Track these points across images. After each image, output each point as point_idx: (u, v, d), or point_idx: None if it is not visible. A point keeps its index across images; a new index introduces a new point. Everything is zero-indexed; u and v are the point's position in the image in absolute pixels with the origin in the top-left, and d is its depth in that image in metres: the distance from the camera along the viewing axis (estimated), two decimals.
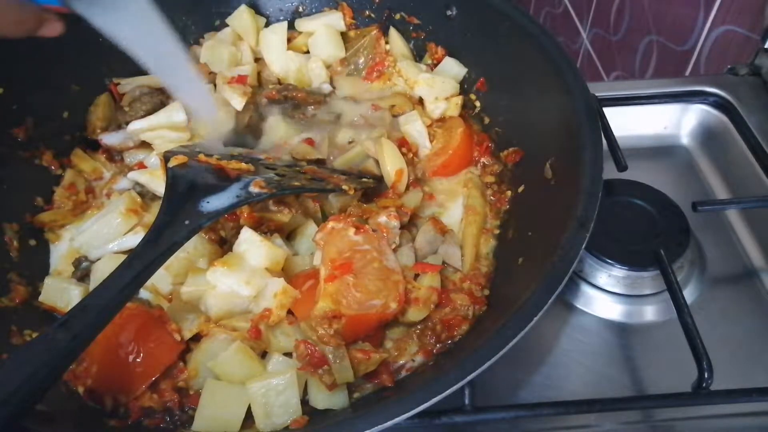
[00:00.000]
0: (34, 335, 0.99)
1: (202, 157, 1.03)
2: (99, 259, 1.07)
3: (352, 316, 0.89)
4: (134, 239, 1.08)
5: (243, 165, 1.01)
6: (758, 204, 1.15)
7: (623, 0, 1.75)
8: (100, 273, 1.04)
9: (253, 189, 0.96)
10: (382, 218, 1.00)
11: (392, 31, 1.39)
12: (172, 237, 0.87)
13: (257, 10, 1.42)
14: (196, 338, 0.94)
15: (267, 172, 1.03)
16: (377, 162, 1.16)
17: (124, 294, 0.80)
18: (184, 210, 0.91)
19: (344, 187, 1.04)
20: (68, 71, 1.25)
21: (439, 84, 1.27)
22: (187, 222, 0.89)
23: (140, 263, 0.83)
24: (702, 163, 1.33)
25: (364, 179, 1.12)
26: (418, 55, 1.40)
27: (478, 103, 1.28)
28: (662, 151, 1.36)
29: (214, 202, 0.93)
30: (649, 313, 1.08)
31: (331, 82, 1.35)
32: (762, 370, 1.00)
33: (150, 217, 1.11)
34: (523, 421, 0.94)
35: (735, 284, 1.12)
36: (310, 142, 1.23)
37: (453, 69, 1.31)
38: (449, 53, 1.34)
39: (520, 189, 1.11)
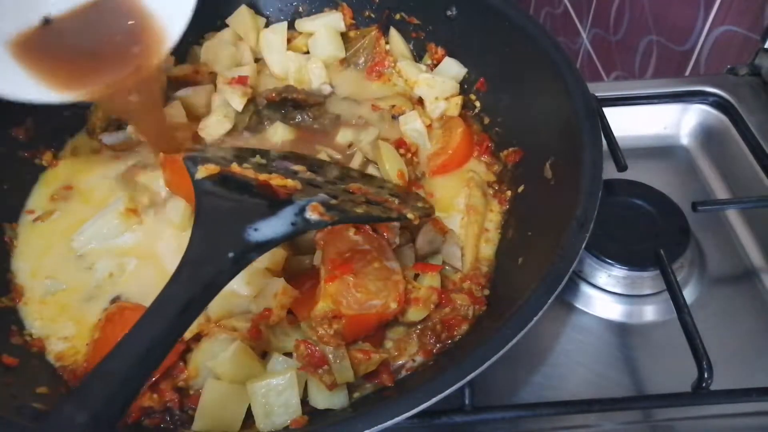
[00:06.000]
0: (34, 335, 0.99)
1: (236, 167, 0.84)
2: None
3: (352, 316, 0.89)
4: (132, 237, 1.08)
5: (288, 181, 0.82)
6: (758, 204, 1.14)
7: (623, 0, 1.75)
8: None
9: (312, 215, 0.77)
10: None
11: (392, 31, 1.39)
12: (210, 275, 0.69)
13: (257, 10, 1.42)
14: (196, 338, 0.94)
15: (314, 191, 0.84)
16: (376, 165, 1.16)
17: (152, 358, 0.64)
18: (224, 238, 0.73)
19: (409, 216, 0.90)
20: None
21: (439, 84, 1.27)
22: (231, 254, 0.71)
23: (170, 311, 0.67)
24: (702, 163, 1.33)
25: (420, 204, 0.99)
26: (418, 55, 1.40)
27: (478, 103, 1.28)
28: (662, 151, 1.36)
29: (264, 230, 0.74)
30: (649, 313, 1.08)
31: (331, 83, 1.35)
32: (762, 370, 1.00)
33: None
34: (523, 421, 0.94)
35: (735, 284, 1.12)
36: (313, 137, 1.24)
37: (453, 69, 1.31)
38: (449, 53, 1.34)
39: (520, 189, 1.11)
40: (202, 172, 0.81)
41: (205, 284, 0.69)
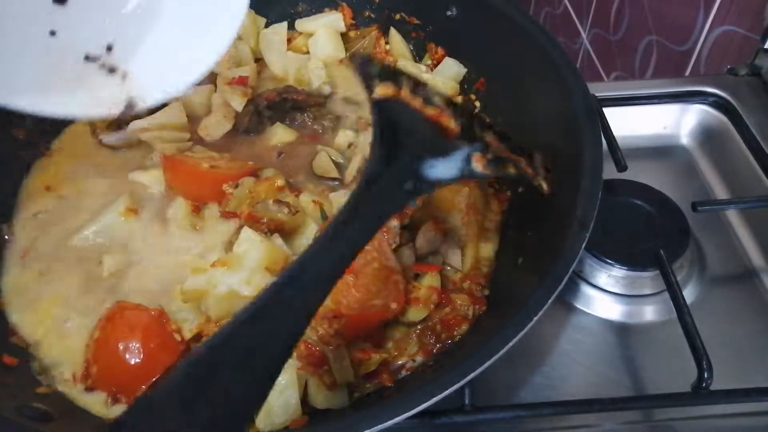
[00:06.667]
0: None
1: (405, 94, 0.81)
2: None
3: (353, 316, 0.89)
4: (132, 236, 1.08)
5: (452, 123, 0.81)
6: (758, 204, 1.14)
7: (623, 0, 1.75)
8: None
9: (476, 166, 0.78)
10: None
11: (392, 32, 1.39)
12: (392, 200, 0.69)
13: (257, 10, 1.42)
14: (197, 338, 0.94)
15: (473, 145, 0.82)
16: None
17: (341, 264, 0.64)
18: (403, 167, 0.71)
19: (543, 185, 0.88)
20: None
21: (439, 85, 1.27)
22: (408, 186, 0.70)
23: (352, 225, 0.66)
24: (702, 163, 1.33)
25: (543, 171, 0.93)
26: (418, 55, 1.40)
27: (478, 103, 1.28)
28: (662, 151, 1.36)
29: (439, 169, 0.73)
30: (649, 313, 1.08)
31: (331, 83, 1.35)
32: (762, 370, 1.00)
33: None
34: (523, 421, 0.94)
35: (735, 284, 1.12)
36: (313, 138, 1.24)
37: (453, 69, 1.31)
38: (449, 53, 1.34)
39: (520, 189, 1.11)
40: (382, 90, 0.79)
41: (382, 203, 0.68)
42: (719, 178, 1.29)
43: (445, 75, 1.30)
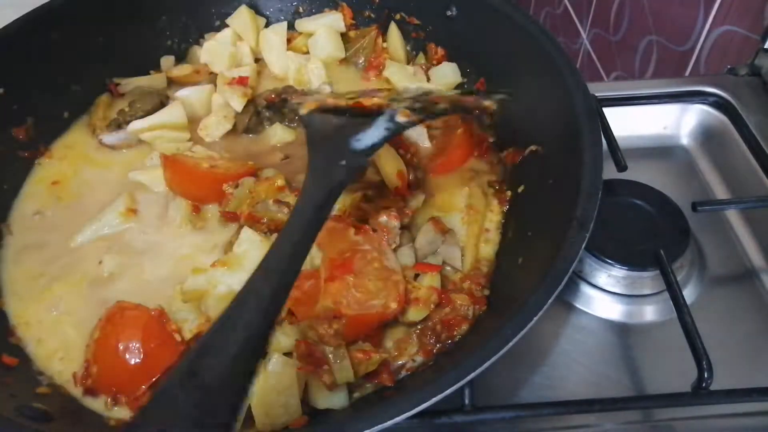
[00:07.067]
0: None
1: (330, 100, 1.00)
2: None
3: (353, 316, 0.89)
4: (132, 237, 1.08)
5: (375, 99, 0.96)
6: (758, 204, 1.14)
7: (623, 0, 1.75)
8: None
9: (401, 119, 0.91)
10: (383, 218, 1.00)
11: (392, 28, 1.39)
12: (333, 177, 0.83)
13: (257, 10, 1.43)
14: (197, 338, 0.94)
15: (401, 104, 0.96)
16: (376, 167, 1.15)
17: (301, 251, 0.74)
18: (334, 152, 0.86)
19: (486, 103, 0.99)
20: (68, 71, 1.25)
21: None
22: (343, 162, 0.85)
23: (306, 215, 0.77)
24: (702, 163, 1.33)
25: (499, 94, 1.03)
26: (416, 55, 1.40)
27: None
28: (662, 151, 1.36)
29: (365, 139, 0.88)
30: (649, 313, 1.08)
31: (331, 83, 1.35)
32: (762, 370, 1.00)
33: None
34: (523, 421, 0.94)
35: (735, 284, 1.12)
36: None
37: (448, 76, 1.30)
38: (449, 53, 1.34)
39: (520, 189, 1.11)
40: (306, 107, 0.97)
41: (330, 189, 0.81)
42: (719, 178, 1.29)
43: (439, 82, 1.30)
